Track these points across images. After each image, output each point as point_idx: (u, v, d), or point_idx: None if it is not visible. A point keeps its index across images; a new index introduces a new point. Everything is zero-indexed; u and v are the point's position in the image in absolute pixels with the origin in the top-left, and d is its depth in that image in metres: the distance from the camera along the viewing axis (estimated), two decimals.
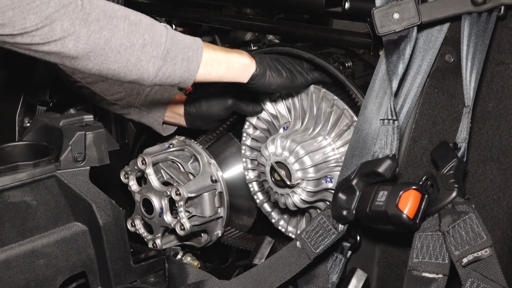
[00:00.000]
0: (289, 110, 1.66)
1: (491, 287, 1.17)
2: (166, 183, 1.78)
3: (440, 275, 1.22)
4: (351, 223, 1.32)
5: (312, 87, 1.58)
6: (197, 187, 1.72)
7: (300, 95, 1.61)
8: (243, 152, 1.78)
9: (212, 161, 1.77)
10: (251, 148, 1.77)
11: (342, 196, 1.31)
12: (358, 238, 1.43)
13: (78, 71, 1.32)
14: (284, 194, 1.61)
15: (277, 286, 1.39)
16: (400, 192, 1.20)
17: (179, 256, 1.72)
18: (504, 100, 1.35)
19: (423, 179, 1.27)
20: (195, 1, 1.90)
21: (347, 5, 1.49)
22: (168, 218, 1.72)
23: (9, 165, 1.34)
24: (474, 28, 1.27)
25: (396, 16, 1.25)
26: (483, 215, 1.34)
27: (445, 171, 1.24)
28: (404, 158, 1.36)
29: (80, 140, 1.39)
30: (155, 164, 1.77)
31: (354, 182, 1.29)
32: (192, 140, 1.82)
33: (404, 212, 1.19)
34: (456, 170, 1.23)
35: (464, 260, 1.19)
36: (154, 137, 1.94)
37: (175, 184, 1.73)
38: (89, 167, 1.41)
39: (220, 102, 1.71)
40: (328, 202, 1.60)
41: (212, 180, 1.75)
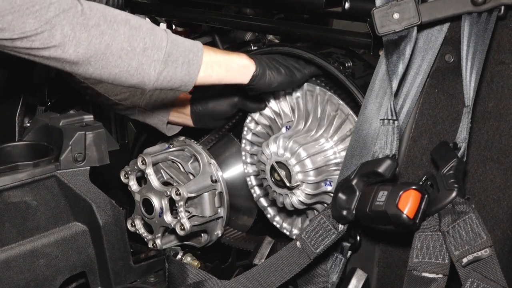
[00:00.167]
0: (293, 110, 1.65)
1: (491, 287, 1.17)
2: (166, 183, 1.78)
3: (440, 275, 1.22)
4: (351, 223, 1.32)
5: (318, 89, 1.57)
6: (197, 187, 1.72)
7: (305, 96, 1.60)
8: (243, 146, 1.77)
9: (212, 161, 1.77)
10: (252, 142, 1.76)
11: (342, 196, 1.31)
12: (358, 238, 1.43)
13: (80, 75, 1.31)
14: (283, 194, 1.60)
15: (277, 286, 1.39)
16: (400, 192, 1.20)
17: (179, 256, 1.72)
18: (504, 100, 1.35)
19: (423, 179, 1.27)
20: (195, 1, 1.90)
21: (347, 5, 1.49)
22: (168, 218, 1.72)
23: (9, 165, 1.34)
24: (474, 28, 1.27)
25: (396, 16, 1.25)
26: (483, 215, 1.34)
27: (445, 171, 1.23)
28: (404, 158, 1.36)
29: (80, 140, 1.39)
30: (155, 164, 1.77)
31: (354, 182, 1.29)
32: (192, 140, 1.82)
33: (404, 212, 1.19)
34: (456, 170, 1.23)
35: (464, 260, 1.19)
36: (154, 137, 1.94)
37: (175, 184, 1.73)
38: (89, 167, 1.41)
39: (226, 99, 1.70)
40: (326, 204, 1.60)
41: (212, 180, 1.75)
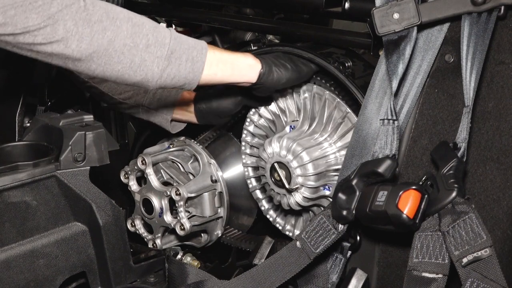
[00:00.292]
0: (299, 110, 1.65)
1: (491, 287, 1.17)
2: (166, 183, 1.78)
3: (440, 275, 1.22)
4: (351, 223, 1.32)
5: (327, 93, 1.57)
6: (197, 187, 1.72)
7: (314, 98, 1.60)
8: (243, 136, 1.77)
9: (212, 161, 1.77)
10: (253, 134, 1.76)
11: (342, 196, 1.31)
12: (358, 238, 1.43)
13: (82, 73, 1.31)
14: (281, 194, 1.60)
15: (277, 286, 1.39)
16: (400, 192, 1.20)
17: (179, 256, 1.72)
18: (504, 100, 1.35)
19: (423, 179, 1.27)
20: (195, 1, 1.90)
21: (347, 5, 1.49)
22: (168, 218, 1.72)
23: (9, 165, 1.34)
24: (474, 28, 1.27)
25: (396, 16, 1.25)
26: (483, 215, 1.34)
27: (445, 171, 1.23)
28: (404, 158, 1.36)
29: (80, 140, 1.39)
30: (155, 164, 1.77)
31: (354, 182, 1.29)
32: (192, 140, 1.82)
33: (404, 212, 1.19)
34: (456, 170, 1.23)
35: (464, 260, 1.19)
36: (154, 137, 1.94)
37: (175, 184, 1.73)
38: (89, 167, 1.41)
39: (230, 97, 1.69)
40: (322, 207, 1.60)
41: (212, 180, 1.75)
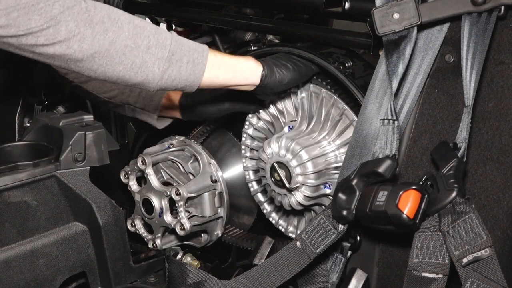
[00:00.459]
0: (296, 110, 1.65)
1: (491, 287, 1.17)
2: (166, 183, 1.78)
3: (440, 275, 1.22)
4: (351, 223, 1.32)
5: (324, 91, 1.57)
6: (197, 187, 1.72)
7: (311, 97, 1.60)
8: (243, 140, 1.77)
9: (212, 161, 1.77)
10: (252, 137, 1.76)
11: (342, 196, 1.31)
12: (358, 238, 1.43)
13: (83, 74, 1.32)
14: (281, 194, 1.60)
15: (277, 286, 1.39)
16: (400, 192, 1.20)
17: (179, 256, 1.72)
18: (504, 100, 1.35)
19: (423, 179, 1.27)
20: (195, 1, 1.90)
21: (347, 5, 1.49)
22: (168, 218, 1.72)
23: (9, 165, 1.34)
24: (474, 28, 1.27)
25: (396, 16, 1.25)
26: (483, 215, 1.34)
27: (445, 171, 1.23)
28: (404, 158, 1.36)
29: (80, 140, 1.39)
30: (155, 164, 1.77)
31: (354, 182, 1.29)
32: (192, 140, 1.83)
33: (404, 212, 1.19)
34: (456, 170, 1.23)
35: (464, 260, 1.19)
36: (154, 137, 1.94)
37: (175, 184, 1.73)
38: (89, 167, 1.41)
39: (216, 103, 1.71)
40: (324, 206, 1.60)
41: (212, 180, 1.75)
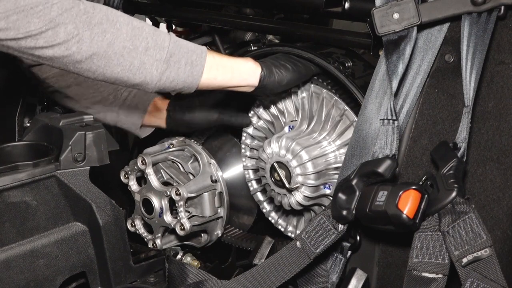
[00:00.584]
0: (297, 110, 1.65)
1: (491, 287, 1.17)
2: (166, 183, 1.78)
3: (440, 275, 1.22)
4: (351, 223, 1.32)
5: (325, 92, 1.57)
6: (197, 187, 1.72)
7: (311, 97, 1.60)
8: (243, 139, 1.78)
9: (212, 161, 1.77)
10: (252, 136, 1.76)
11: (342, 196, 1.31)
12: (358, 238, 1.43)
13: (81, 75, 1.32)
14: (281, 194, 1.61)
15: (277, 286, 1.39)
16: (400, 192, 1.20)
17: (179, 256, 1.72)
18: (504, 100, 1.35)
19: (423, 179, 1.27)
20: (195, 1, 1.90)
21: (347, 5, 1.49)
22: (168, 218, 1.72)
23: (9, 165, 1.34)
24: (474, 28, 1.27)
25: (396, 16, 1.25)
26: (483, 215, 1.34)
27: (445, 171, 1.23)
28: (404, 158, 1.36)
29: (80, 140, 1.39)
30: (155, 164, 1.77)
31: (354, 182, 1.29)
32: (192, 140, 1.83)
33: (404, 212, 1.19)
34: (456, 170, 1.23)
35: (464, 260, 1.19)
36: (154, 137, 1.94)
37: (175, 184, 1.73)
38: (89, 167, 1.41)
39: (204, 114, 1.71)
40: (323, 206, 1.60)
41: (212, 180, 1.75)
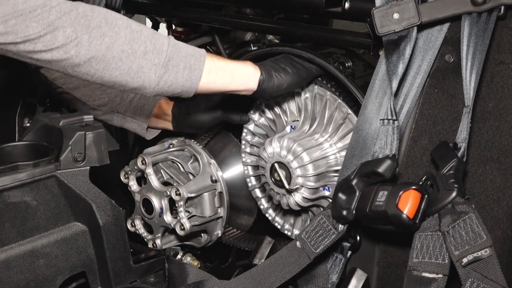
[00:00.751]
0: (299, 110, 1.65)
1: (491, 287, 1.17)
2: (166, 183, 1.78)
3: (440, 275, 1.22)
4: (351, 223, 1.32)
5: (328, 94, 1.57)
6: (197, 187, 1.72)
7: (314, 98, 1.60)
8: (243, 135, 1.77)
9: (212, 161, 1.77)
10: (253, 133, 1.77)
11: (342, 196, 1.31)
12: (358, 238, 1.43)
13: (80, 78, 1.32)
14: (280, 194, 1.60)
15: (277, 286, 1.39)
16: (400, 192, 1.20)
17: (179, 256, 1.72)
18: (504, 100, 1.35)
19: (423, 179, 1.27)
20: (195, 1, 1.90)
21: (347, 5, 1.49)
22: (168, 218, 1.72)
23: (9, 165, 1.34)
24: (474, 28, 1.27)
25: (396, 16, 1.25)
26: (483, 215, 1.34)
27: (445, 171, 1.23)
28: (404, 158, 1.36)
29: (80, 140, 1.39)
30: (155, 164, 1.77)
31: (354, 182, 1.29)
32: (192, 140, 1.82)
33: (404, 212, 1.19)
34: (456, 170, 1.23)
35: (464, 260, 1.19)
36: (154, 137, 1.94)
37: (175, 184, 1.73)
38: (89, 167, 1.41)
39: (209, 111, 1.71)
40: (322, 208, 1.60)
41: (212, 180, 1.75)
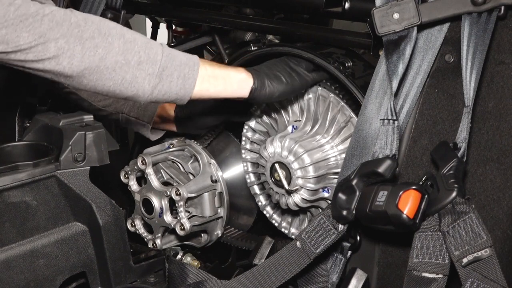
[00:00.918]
0: (302, 111, 1.65)
1: (491, 287, 1.17)
2: (166, 183, 1.78)
3: (440, 275, 1.22)
4: (351, 223, 1.32)
5: (332, 96, 1.57)
6: (197, 187, 1.72)
7: (318, 100, 1.60)
8: (244, 131, 1.78)
9: (212, 161, 1.77)
10: (254, 130, 1.77)
11: (342, 196, 1.31)
12: (358, 238, 1.43)
13: (74, 87, 1.31)
14: (279, 193, 1.60)
15: (277, 286, 1.39)
16: (400, 192, 1.20)
17: (179, 256, 1.72)
18: (504, 100, 1.35)
19: (423, 179, 1.27)
20: (195, 1, 1.90)
21: (347, 5, 1.49)
22: (168, 218, 1.72)
23: (9, 165, 1.34)
24: (474, 28, 1.27)
25: (396, 16, 1.25)
26: (483, 215, 1.34)
27: (445, 171, 1.23)
28: (404, 158, 1.36)
29: (80, 140, 1.39)
30: (155, 164, 1.77)
31: (354, 182, 1.29)
32: (192, 140, 1.82)
33: (404, 212, 1.19)
34: (456, 170, 1.23)
35: (464, 260, 1.19)
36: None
37: (175, 184, 1.73)
38: (89, 167, 1.41)
39: (211, 111, 1.71)
40: (321, 209, 1.60)
41: (212, 180, 1.75)
